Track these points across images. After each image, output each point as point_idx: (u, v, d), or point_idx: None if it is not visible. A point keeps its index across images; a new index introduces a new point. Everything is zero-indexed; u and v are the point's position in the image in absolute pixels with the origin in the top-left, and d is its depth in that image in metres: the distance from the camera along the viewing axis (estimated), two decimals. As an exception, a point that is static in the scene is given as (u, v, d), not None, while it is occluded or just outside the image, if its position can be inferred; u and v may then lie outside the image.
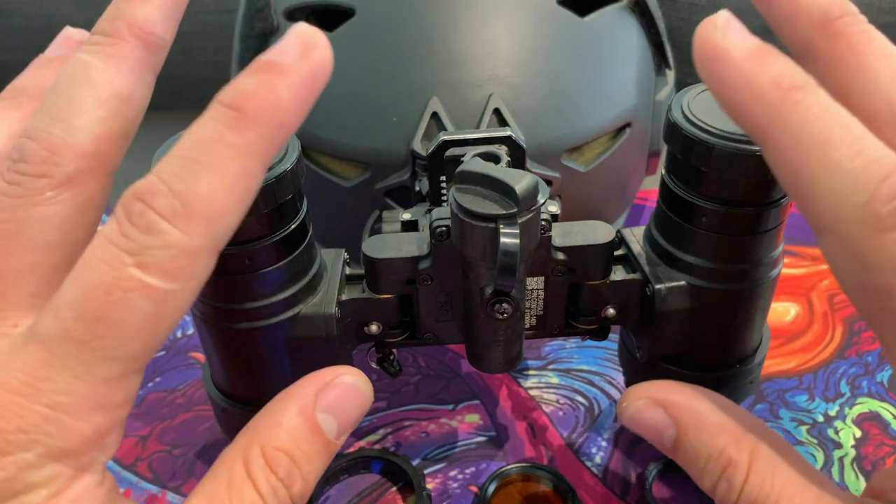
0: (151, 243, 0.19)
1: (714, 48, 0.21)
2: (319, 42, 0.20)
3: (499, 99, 0.36)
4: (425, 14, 0.37)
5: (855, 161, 0.19)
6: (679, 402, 0.26)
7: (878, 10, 0.63)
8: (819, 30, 0.22)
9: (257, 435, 0.23)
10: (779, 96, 0.20)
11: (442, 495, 0.34)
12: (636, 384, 0.27)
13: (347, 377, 0.25)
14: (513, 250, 0.24)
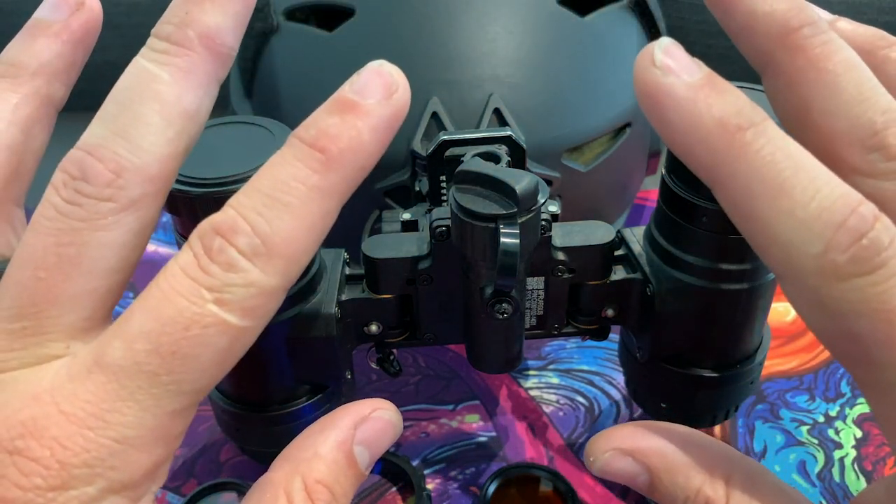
0: (232, 281, 0.18)
1: (653, 87, 0.20)
2: (401, 83, 0.21)
3: (499, 99, 0.36)
4: (425, 14, 0.37)
5: (809, 208, 0.18)
6: (645, 448, 0.25)
7: (878, 10, 0.63)
8: (778, 43, 0.21)
9: (298, 466, 0.23)
10: (725, 139, 0.19)
11: (442, 495, 0.34)
12: (598, 433, 0.26)
13: (384, 412, 0.25)
14: (513, 250, 0.24)
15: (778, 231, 0.19)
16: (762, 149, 0.19)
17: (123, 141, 0.20)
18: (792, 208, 0.18)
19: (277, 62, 0.40)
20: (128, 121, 0.20)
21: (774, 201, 0.19)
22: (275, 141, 0.27)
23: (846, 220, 0.18)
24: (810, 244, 0.18)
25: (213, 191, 0.25)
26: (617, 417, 0.38)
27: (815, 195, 0.18)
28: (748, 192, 0.19)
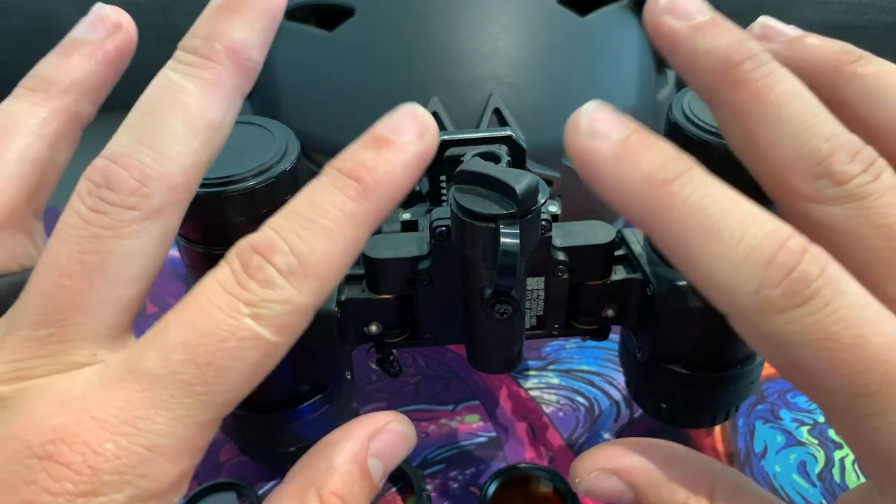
0: (269, 297, 0.19)
1: (582, 152, 0.21)
2: (431, 126, 0.22)
3: (499, 99, 0.36)
4: (425, 14, 0.37)
5: (738, 249, 0.19)
6: (628, 466, 0.26)
7: (878, 10, 0.63)
8: (721, 78, 0.22)
9: (313, 478, 0.23)
10: (653, 194, 0.20)
11: (442, 496, 0.34)
12: (583, 454, 0.27)
13: (398, 425, 0.25)
14: (513, 250, 0.24)
15: (713, 274, 0.19)
16: (689, 197, 0.20)
17: (148, 150, 0.20)
18: (722, 252, 0.19)
19: (277, 62, 0.40)
20: (153, 130, 0.20)
21: (706, 247, 0.19)
22: (275, 141, 0.27)
23: (775, 257, 0.19)
24: (744, 284, 0.19)
25: (213, 191, 0.25)
26: (617, 417, 0.38)
27: (743, 236, 0.19)
28: (682, 241, 0.20)
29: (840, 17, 0.64)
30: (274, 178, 0.25)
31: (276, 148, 0.26)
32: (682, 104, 0.27)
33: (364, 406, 0.39)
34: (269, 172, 0.25)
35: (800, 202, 0.21)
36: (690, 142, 0.26)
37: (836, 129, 0.21)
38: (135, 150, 0.20)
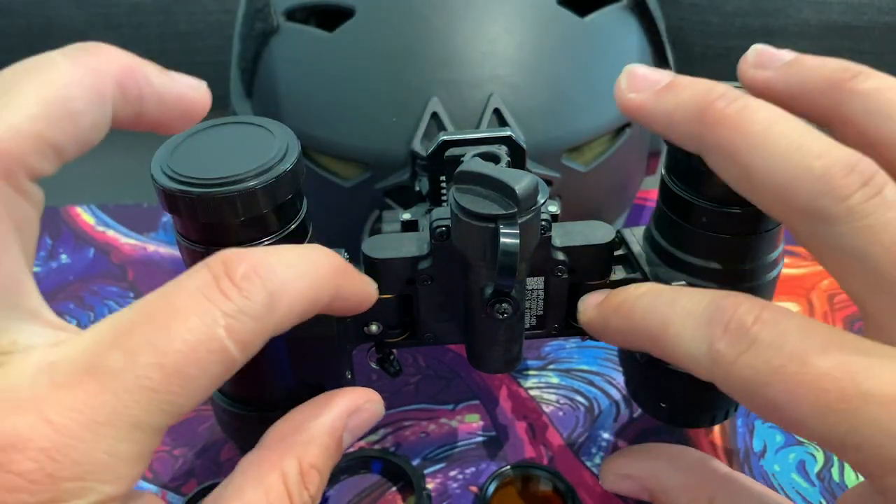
0: (246, 309, 0.19)
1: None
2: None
3: (499, 99, 0.36)
4: (425, 14, 0.37)
5: (687, 322, 0.23)
6: (637, 473, 0.30)
7: (877, 10, 0.63)
8: (699, 124, 0.23)
9: (294, 448, 0.23)
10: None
11: (442, 495, 0.34)
12: (607, 458, 0.31)
13: (375, 405, 0.26)
14: (513, 250, 0.24)
15: (676, 349, 0.23)
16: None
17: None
18: (678, 331, 0.23)
19: (277, 62, 0.40)
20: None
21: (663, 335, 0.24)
22: (275, 141, 0.27)
23: (712, 317, 0.22)
24: (698, 347, 0.22)
25: (213, 191, 0.25)
26: (617, 417, 0.38)
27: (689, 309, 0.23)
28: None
29: (840, 17, 0.64)
30: (274, 179, 0.25)
31: (277, 148, 0.26)
32: (682, 104, 0.27)
33: (364, 406, 0.39)
34: (269, 173, 0.25)
35: (807, 226, 0.21)
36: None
37: (827, 144, 0.21)
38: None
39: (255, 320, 0.19)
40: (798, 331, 0.20)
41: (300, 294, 0.21)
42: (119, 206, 0.54)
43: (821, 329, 0.20)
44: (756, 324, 0.20)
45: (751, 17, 0.67)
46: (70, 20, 0.69)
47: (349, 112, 0.37)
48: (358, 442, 0.37)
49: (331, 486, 0.35)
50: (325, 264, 0.22)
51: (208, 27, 0.70)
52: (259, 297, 0.19)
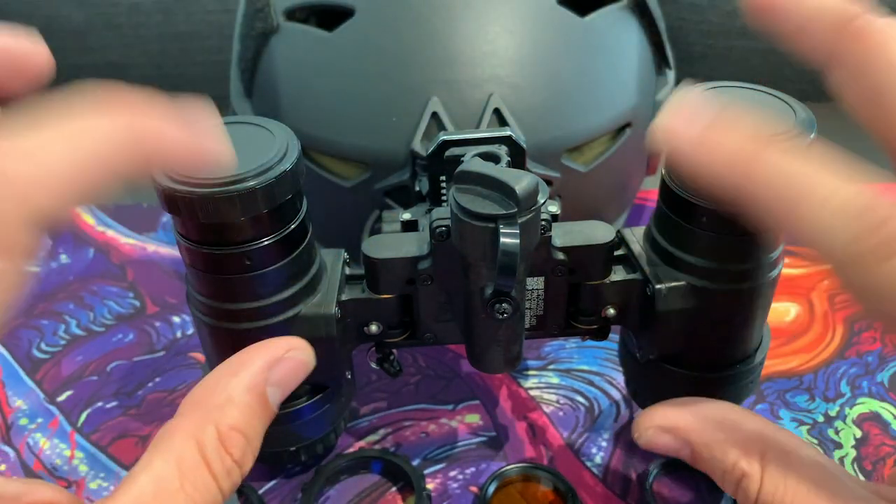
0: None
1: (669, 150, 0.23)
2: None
3: (499, 99, 0.36)
4: (425, 14, 0.37)
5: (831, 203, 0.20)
6: (684, 426, 0.27)
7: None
8: (836, 35, 0.22)
9: (210, 414, 0.22)
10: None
11: (442, 495, 0.34)
12: (642, 412, 0.28)
13: (298, 352, 0.25)
14: (513, 250, 0.24)
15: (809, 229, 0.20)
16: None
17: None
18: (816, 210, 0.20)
19: (277, 62, 0.40)
20: None
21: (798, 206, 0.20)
22: (275, 141, 0.27)
23: (868, 207, 0.19)
24: (840, 236, 0.19)
25: (213, 191, 0.25)
26: (617, 417, 0.38)
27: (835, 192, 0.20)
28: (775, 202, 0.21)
29: (840, 17, 0.64)
30: (275, 178, 0.25)
31: (277, 148, 0.26)
32: (682, 104, 0.27)
33: (364, 406, 0.39)
34: (269, 173, 0.25)
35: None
36: (690, 142, 0.26)
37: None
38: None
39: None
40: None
41: (59, 182, 0.17)
42: (119, 206, 0.54)
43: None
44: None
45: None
46: (70, 20, 0.69)
47: (349, 112, 0.37)
48: (358, 442, 0.37)
49: (331, 486, 0.35)
50: (96, 136, 0.18)
51: (208, 27, 0.70)
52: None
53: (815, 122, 0.27)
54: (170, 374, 0.41)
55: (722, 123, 0.22)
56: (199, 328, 0.30)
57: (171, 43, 0.71)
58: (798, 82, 0.70)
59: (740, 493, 0.25)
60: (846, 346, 0.42)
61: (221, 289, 0.27)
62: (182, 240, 0.27)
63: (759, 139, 0.21)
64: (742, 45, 0.68)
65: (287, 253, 0.28)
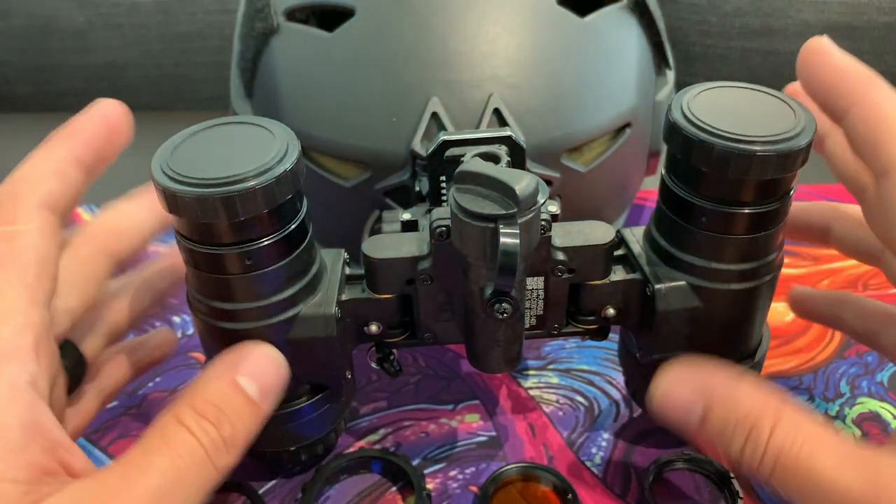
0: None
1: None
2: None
3: (499, 99, 0.36)
4: (425, 14, 0.37)
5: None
6: (705, 378, 0.27)
7: (877, 10, 0.63)
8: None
9: (184, 397, 0.25)
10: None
11: (442, 495, 0.34)
12: (662, 368, 0.28)
13: (259, 346, 0.27)
14: (512, 250, 0.24)
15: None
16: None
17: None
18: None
19: (277, 62, 0.40)
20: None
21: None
22: (275, 141, 0.27)
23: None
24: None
25: (213, 191, 0.25)
26: (616, 417, 0.38)
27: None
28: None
29: (839, 17, 0.64)
30: (275, 178, 0.25)
31: (277, 148, 0.26)
32: (682, 104, 0.27)
33: (364, 406, 0.39)
34: (269, 173, 0.25)
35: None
36: (690, 142, 0.26)
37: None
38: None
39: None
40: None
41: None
42: (119, 206, 0.54)
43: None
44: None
45: (751, 17, 0.67)
46: (70, 20, 0.69)
47: (349, 112, 0.37)
48: (358, 442, 0.37)
49: (331, 485, 0.35)
50: None
51: (208, 27, 0.70)
52: None
53: (814, 121, 0.27)
54: (170, 374, 0.41)
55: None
56: (199, 328, 0.30)
57: (172, 43, 0.71)
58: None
59: (749, 443, 0.25)
60: (845, 346, 0.42)
61: (221, 289, 0.27)
62: (182, 240, 0.27)
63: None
64: (742, 45, 0.68)
65: (287, 253, 0.28)
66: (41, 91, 0.73)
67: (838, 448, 0.24)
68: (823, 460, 0.24)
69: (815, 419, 0.25)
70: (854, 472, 0.23)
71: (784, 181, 0.27)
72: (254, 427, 0.25)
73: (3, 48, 0.71)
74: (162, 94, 0.73)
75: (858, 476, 0.23)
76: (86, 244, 0.29)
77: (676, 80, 0.46)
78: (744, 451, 0.25)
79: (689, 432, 0.27)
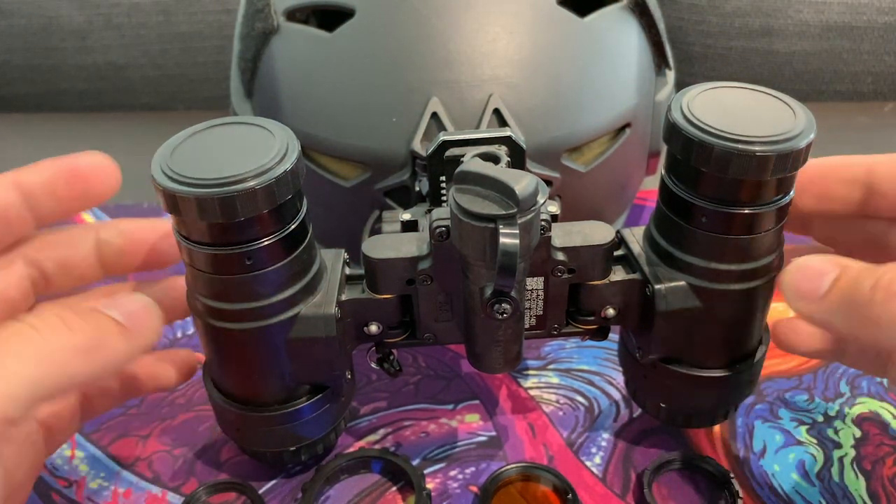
0: None
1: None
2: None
3: (499, 99, 0.36)
4: (425, 14, 0.37)
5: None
6: (839, 259, 0.27)
7: (877, 11, 0.63)
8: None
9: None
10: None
11: (442, 495, 0.34)
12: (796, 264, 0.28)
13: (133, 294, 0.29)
14: (512, 251, 0.24)
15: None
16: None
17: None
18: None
19: (278, 63, 0.40)
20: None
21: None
22: (275, 141, 0.27)
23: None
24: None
25: (213, 191, 0.25)
26: (616, 417, 0.38)
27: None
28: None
29: (839, 17, 0.64)
30: (275, 179, 0.25)
31: (277, 148, 0.26)
32: (682, 105, 0.27)
33: (364, 406, 0.39)
34: (269, 173, 0.25)
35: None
36: (690, 142, 0.26)
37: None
38: None
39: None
40: None
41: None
42: (119, 206, 0.54)
43: None
44: None
45: (750, 17, 0.67)
46: (70, 20, 0.69)
47: (349, 112, 0.37)
48: (358, 442, 0.37)
49: (331, 485, 0.35)
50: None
51: (208, 27, 0.70)
52: None
53: (814, 122, 0.27)
54: (170, 373, 0.41)
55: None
56: (199, 328, 0.30)
57: (172, 43, 0.71)
58: (798, 82, 0.70)
59: (879, 289, 0.25)
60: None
61: (221, 289, 0.27)
62: (182, 240, 0.27)
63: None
64: (742, 45, 0.68)
65: (287, 253, 0.28)
66: (41, 91, 0.73)
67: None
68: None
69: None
70: None
71: (784, 181, 0.27)
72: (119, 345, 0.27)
73: (3, 48, 0.71)
74: (162, 94, 0.73)
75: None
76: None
77: (676, 80, 0.46)
78: (874, 298, 0.25)
79: (812, 298, 0.27)
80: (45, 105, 0.75)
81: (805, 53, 0.68)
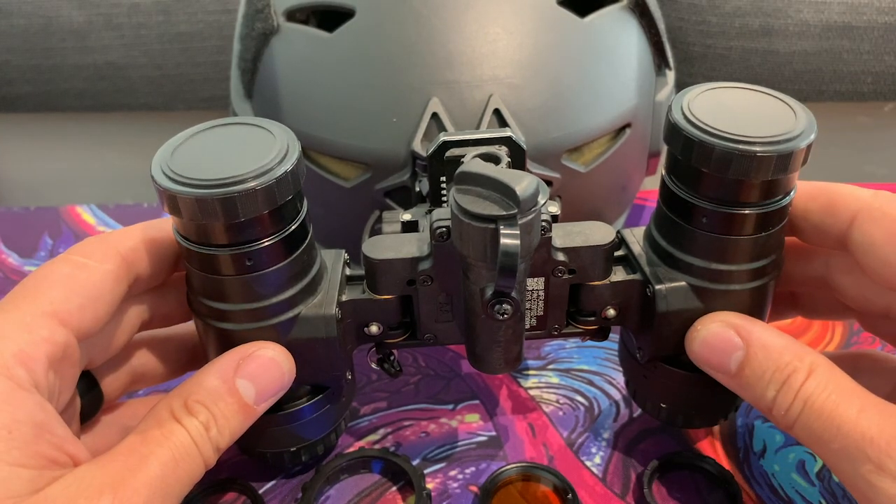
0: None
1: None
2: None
3: (499, 99, 0.36)
4: (425, 14, 0.37)
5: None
6: (749, 327, 0.28)
7: (876, 11, 0.63)
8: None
9: (181, 392, 0.26)
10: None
11: (442, 495, 0.34)
12: (704, 317, 0.29)
13: (268, 351, 0.28)
14: (513, 251, 0.24)
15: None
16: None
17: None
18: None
19: (278, 63, 0.40)
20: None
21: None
22: (275, 142, 0.27)
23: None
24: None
25: (213, 192, 0.25)
26: (616, 417, 0.38)
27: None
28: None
29: (839, 17, 0.64)
30: (275, 179, 0.25)
31: (277, 149, 0.26)
32: (682, 105, 0.27)
33: (364, 406, 0.39)
34: (270, 173, 0.25)
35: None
36: (690, 142, 0.26)
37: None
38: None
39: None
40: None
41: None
42: (119, 206, 0.54)
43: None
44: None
45: (750, 17, 0.67)
46: (70, 20, 0.69)
47: (349, 112, 0.37)
48: (358, 442, 0.37)
49: (331, 485, 0.35)
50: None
51: (208, 27, 0.70)
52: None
53: (814, 122, 0.27)
54: (170, 374, 0.41)
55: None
56: (199, 328, 0.30)
57: (172, 43, 0.71)
58: (797, 82, 0.70)
59: (784, 389, 0.27)
60: (845, 346, 0.42)
61: (222, 289, 0.27)
62: (182, 240, 0.27)
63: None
64: (742, 45, 0.68)
65: (287, 254, 0.28)
66: (41, 91, 0.73)
67: (863, 398, 0.26)
68: (847, 407, 0.25)
69: (846, 375, 0.27)
70: (873, 418, 0.25)
71: (784, 182, 0.27)
72: (241, 428, 0.27)
73: (3, 48, 0.71)
74: (162, 94, 0.73)
75: (877, 422, 0.25)
76: (103, 262, 0.28)
77: (676, 80, 0.46)
78: (776, 398, 0.27)
79: (724, 375, 0.29)
80: (45, 105, 0.75)
81: (805, 53, 0.68)
